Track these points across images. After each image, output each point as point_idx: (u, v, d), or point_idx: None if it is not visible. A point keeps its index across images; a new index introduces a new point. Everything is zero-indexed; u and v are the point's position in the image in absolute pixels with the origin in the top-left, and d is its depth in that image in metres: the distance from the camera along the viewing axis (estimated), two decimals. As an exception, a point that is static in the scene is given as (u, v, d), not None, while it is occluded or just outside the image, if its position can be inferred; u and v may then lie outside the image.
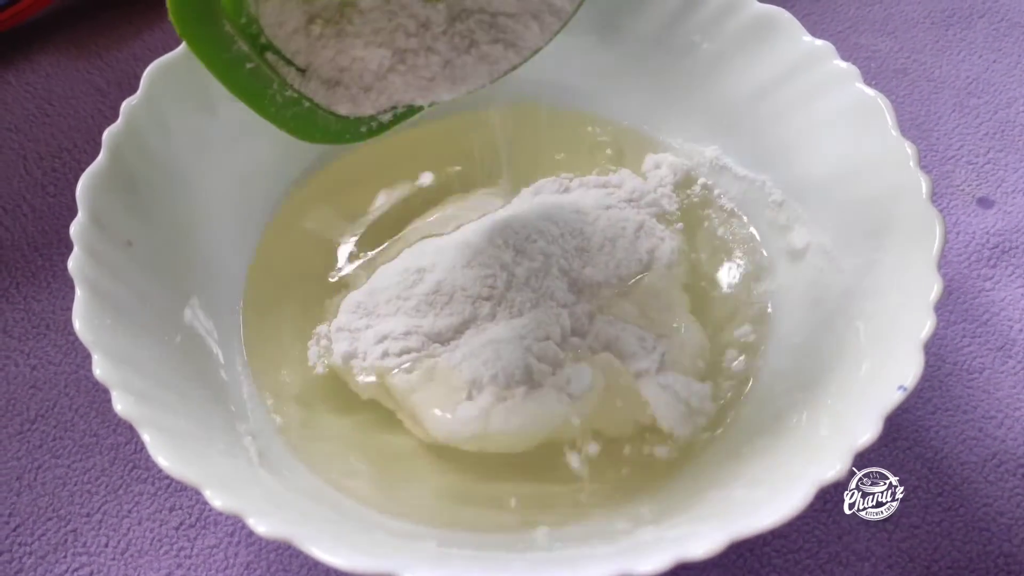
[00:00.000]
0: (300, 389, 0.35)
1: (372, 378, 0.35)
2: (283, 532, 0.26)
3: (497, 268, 0.36)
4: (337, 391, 0.35)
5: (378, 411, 0.35)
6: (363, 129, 0.32)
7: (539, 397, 0.33)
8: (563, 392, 0.34)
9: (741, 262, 0.38)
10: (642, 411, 0.34)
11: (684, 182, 0.40)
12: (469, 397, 0.33)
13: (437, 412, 0.34)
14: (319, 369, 0.36)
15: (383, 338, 0.35)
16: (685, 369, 0.35)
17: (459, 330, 0.35)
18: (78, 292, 0.30)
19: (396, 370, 0.34)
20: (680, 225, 0.39)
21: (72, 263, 0.31)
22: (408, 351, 0.35)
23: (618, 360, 0.35)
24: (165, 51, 0.36)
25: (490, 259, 0.36)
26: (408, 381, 0.34)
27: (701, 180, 0.40)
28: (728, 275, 0.38)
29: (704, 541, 0.26)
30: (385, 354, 0.35)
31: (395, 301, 0.36)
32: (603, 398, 0.34)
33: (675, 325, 0.36)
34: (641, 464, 0.33)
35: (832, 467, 0.27)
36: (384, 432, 0.35)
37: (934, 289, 0.30)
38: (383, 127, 0.32)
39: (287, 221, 0.39)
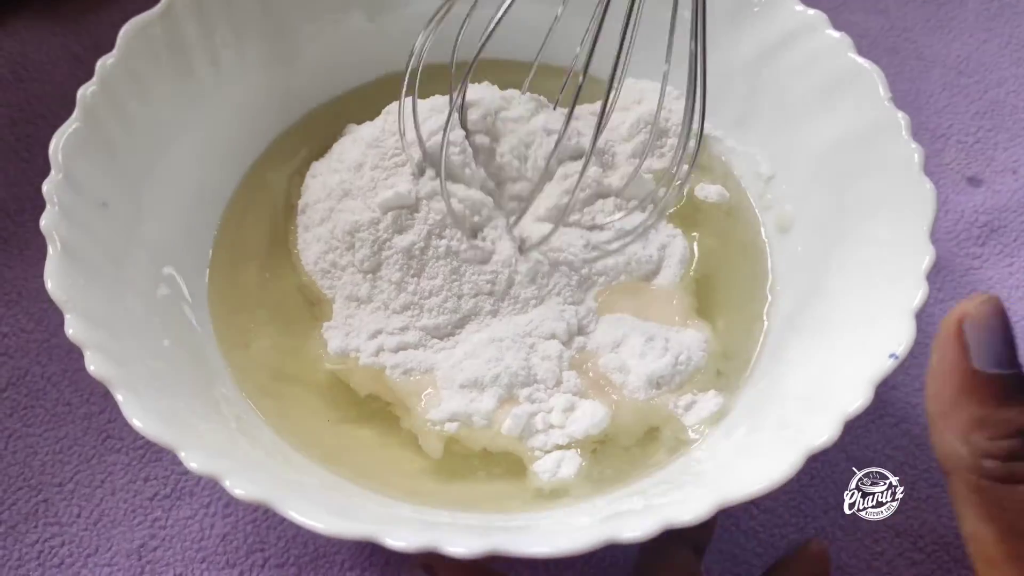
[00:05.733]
0: (277, 358, 0.34)
1: (368, 377, 0.33)
2: (261, 495, 0.25)
3: (499, 265, 0.34)
4: (332, 385, 0.34)
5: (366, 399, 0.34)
6: None
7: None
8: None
9: (736, 245, 0.37)
10: (652, 419, 0.33)
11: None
12: (470, 399, 0.32)
13: (435, 416, 0.32)
14: (319, 374, 0.34)
15: (377, 333, 0.33)
16: (701, 376, 0.33)
17: (459, 325, 0.34)
18: (50, 250, 0.29)
19: (393, 372, 0.33)
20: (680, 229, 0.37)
21: (45, 221, 0.30)
22: (404, 347, 0.33)
23: (616, 358, 0.33)
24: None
25: (494, 254, 0.34)
26: (407, 384, 0.33)
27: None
28: (726, 262, 0.37)
29: (692, 507, 0.25)
30: (380, 350, 0.33)
31: (386, 286, 0.34)
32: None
33: (683, 324, 0.34)
34: (639, 460, 0.32)
35: (822, 434, 0.27)
36: (371, 419, 0.33)
37: (926, 258, 0.30)
38: None
39: (262, 182, 0.38)
